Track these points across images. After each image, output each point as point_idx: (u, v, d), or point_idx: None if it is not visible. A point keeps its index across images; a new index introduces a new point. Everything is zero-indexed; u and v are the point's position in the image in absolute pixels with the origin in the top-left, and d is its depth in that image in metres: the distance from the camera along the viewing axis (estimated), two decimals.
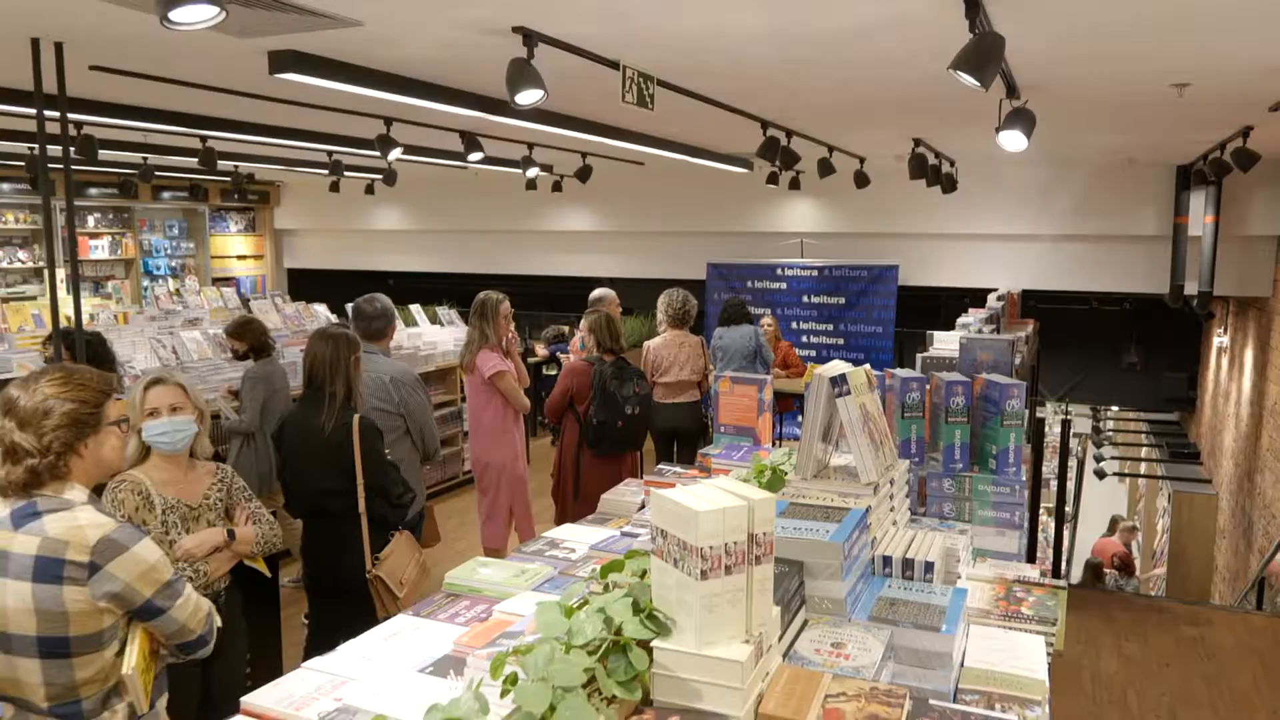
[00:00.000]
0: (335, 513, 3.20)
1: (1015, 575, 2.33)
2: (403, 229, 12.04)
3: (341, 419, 3.18)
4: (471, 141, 5.83)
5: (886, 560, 2.10)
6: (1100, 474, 10.82)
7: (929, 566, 2.06)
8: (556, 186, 9.68)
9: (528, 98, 3.06)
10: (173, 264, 11.56)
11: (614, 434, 4.93)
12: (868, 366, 2.44)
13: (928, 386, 2.75)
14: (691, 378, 6.16)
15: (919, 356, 6.02)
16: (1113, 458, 12.32)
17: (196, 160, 6.34)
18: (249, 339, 4.99)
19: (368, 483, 3.19)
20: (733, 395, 3.17)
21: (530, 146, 6.68)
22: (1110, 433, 13.55)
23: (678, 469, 3.10)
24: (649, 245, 10.81)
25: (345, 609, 3.20)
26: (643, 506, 3.00)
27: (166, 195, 11.11)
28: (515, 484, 5.24)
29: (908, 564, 2.08)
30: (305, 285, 13.31)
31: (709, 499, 1.54)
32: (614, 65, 3.43)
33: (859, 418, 2.27)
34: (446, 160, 7.19)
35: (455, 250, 11.96)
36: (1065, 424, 5.49)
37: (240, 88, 4.51)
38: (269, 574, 2.88)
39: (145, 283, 11.06)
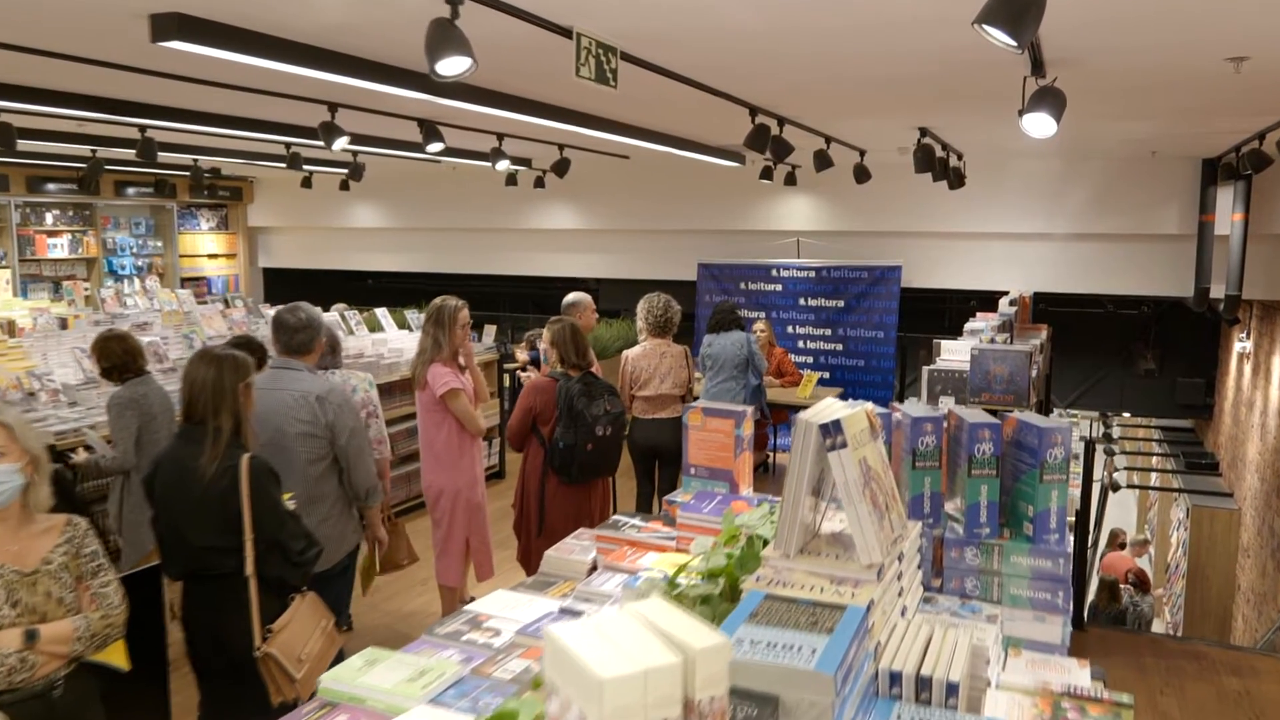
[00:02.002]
0: (220, 574, 2.63)
1: (1063, 684, 1.76)
2: (382, 227, 11.50)
3: (228, 460, 2.62)
4: (430, 130, 5.27)
5: (895, 677, 1.54)
6: (1114, 486, 10.27)
7: (952, 689, 1.51)
8: (539, 182, 9.14)
9: (451, 67, 2.50)
10: (139, 263, 11.00)
11: (582, 458, 4.37)
12: (869, 406, 1.87)
13: (945, 426, 2.19)
14: (674, 391, 5.60)
15: (925, 370, 5.46)
16: (1125, 468, 11.77)
17: (135, 152, 5.79)
18: (103, 357, 4.11)
19: (260, 537, 2.62)
20: (705, 430, 2.61)
21: (499, 137, 6.11)
22: (1119, 440, 13.00)
23: (638, 521, 2.53)
24: (638, 244, 10.26)
25: (233, 692, 2.64)
26: (594, 568, 2.44)
27: (131, 191, 10.56)
28: (472, 514, 4.68)
29: (923, 683, 1.53)
30: (281, 285, 12.78)
31: (624, 648, 0.99)
32: (565, 33, 2.88)
33: (858, 478, 1.70)
34: (405, 152, 6.62)
35: (436, 249, 11.42)
36: (1089, 446, 4.92)
37: (127, 61, 3.91)
38: (126, 667, 2.31)
39: (109, 283, 10.51)
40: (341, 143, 4.78)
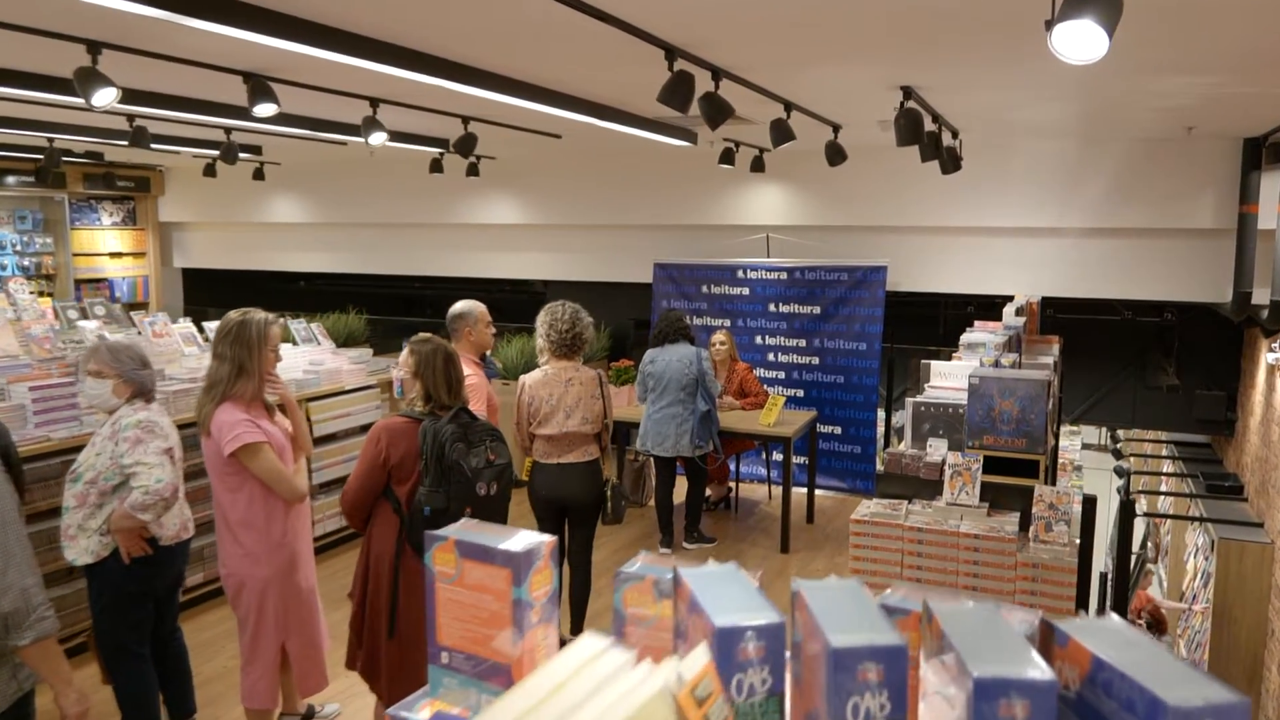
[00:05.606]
0: None
1: None
2: (306, 222, 10.23)
3: None
4: (258, 88, 3.99)
5: None
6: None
7: None
8: (472, 170, 7.88)
9: None
10: (24, 263, 9.70)
11: None
12: (699, 666, 0.59)
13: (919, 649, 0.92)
14: (583, 428, 4.33)
15: (909, 402, 4.20)
16: (1139, 492, 10.57)
17: None
18: None
19: None
20: (461, 584, 1.33)
21: (374, 104, 4.83)
22: (1127, 457, 11.79)
23: None
24: (588, 242, 9.00)
25: None
26: None
27: (12, 180, 9.26)
28: (289, 609, 3.41)
29: None
30: (202, 288, 11.51)
31: None
32: None
33: None
34: (234, 120, 5.31)
35: (369, 248, 10.14)
36: (1125, 506, 3.71)
37: None
38: None
39: None
40: (105, 97, 3.50)
